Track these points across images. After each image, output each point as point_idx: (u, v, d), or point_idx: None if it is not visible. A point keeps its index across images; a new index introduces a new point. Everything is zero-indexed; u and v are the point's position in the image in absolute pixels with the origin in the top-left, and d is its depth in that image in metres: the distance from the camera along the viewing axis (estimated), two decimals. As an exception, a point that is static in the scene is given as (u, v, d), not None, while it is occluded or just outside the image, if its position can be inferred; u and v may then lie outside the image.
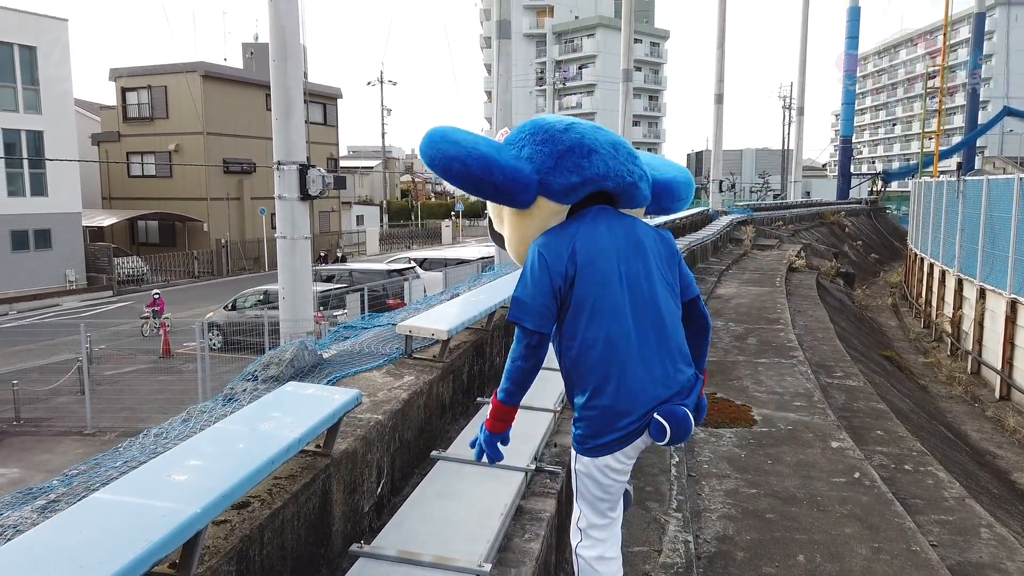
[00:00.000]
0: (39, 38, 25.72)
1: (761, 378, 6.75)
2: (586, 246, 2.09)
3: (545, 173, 2.13)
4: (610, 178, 2.17)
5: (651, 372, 2.08)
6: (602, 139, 2.19)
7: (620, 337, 2.06)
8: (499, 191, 2.15)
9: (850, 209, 38.16)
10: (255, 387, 2.91)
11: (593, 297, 2.07)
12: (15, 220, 25.27)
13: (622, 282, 2.10)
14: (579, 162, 2.13)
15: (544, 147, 2.16)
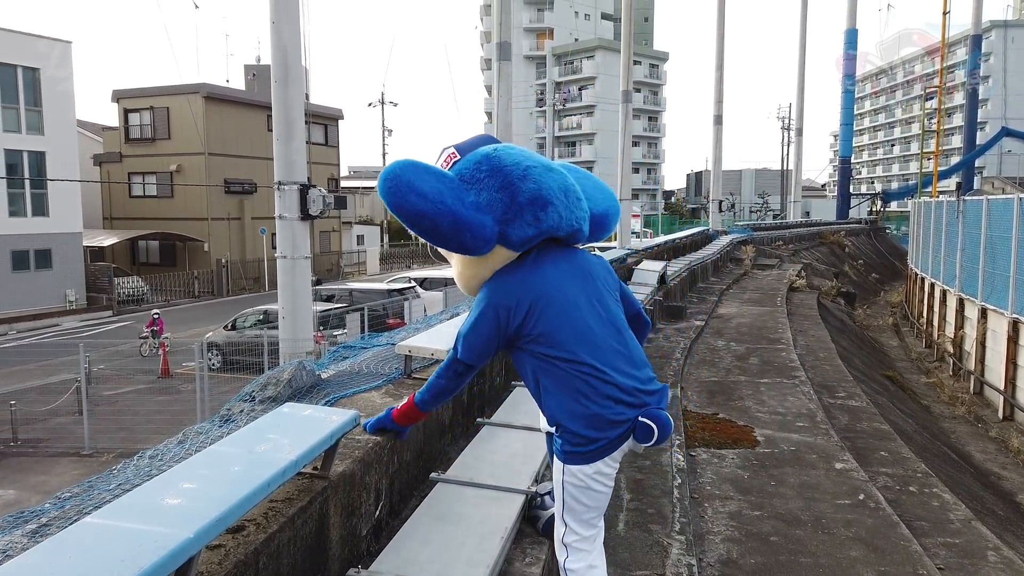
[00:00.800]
0: (43, 60, 25.92)
1: (763, 398, 6.70)
2: (538, 286, 2.21)
3: (503, 224, 2.20)
4: (562, 228, 2.28)
5: (627, 381, 2.19)
6: (555, 187, 2.26)
7: (592, 356, 2.17)
8: (461, 246, 2.21)
9: (850, 229, 38.21)
10: (252, 408, 2.87)
11: (555, 327, 2.17)
12: (16, 240, 25.31)
13: (579, 308, 2.21)
14: (537, 215, 2.21)
15: (502, 195, 2.21)
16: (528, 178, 2.23)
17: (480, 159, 2.28)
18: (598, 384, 2.14)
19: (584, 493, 2.22)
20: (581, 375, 2.14)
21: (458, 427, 3.80)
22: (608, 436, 2.15)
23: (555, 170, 2.34)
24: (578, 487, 2.22)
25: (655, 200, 69.52)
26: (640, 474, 4.43)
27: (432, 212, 2.15)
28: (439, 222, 2.15)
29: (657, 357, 7.91)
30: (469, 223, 2.17)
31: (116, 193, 35.12)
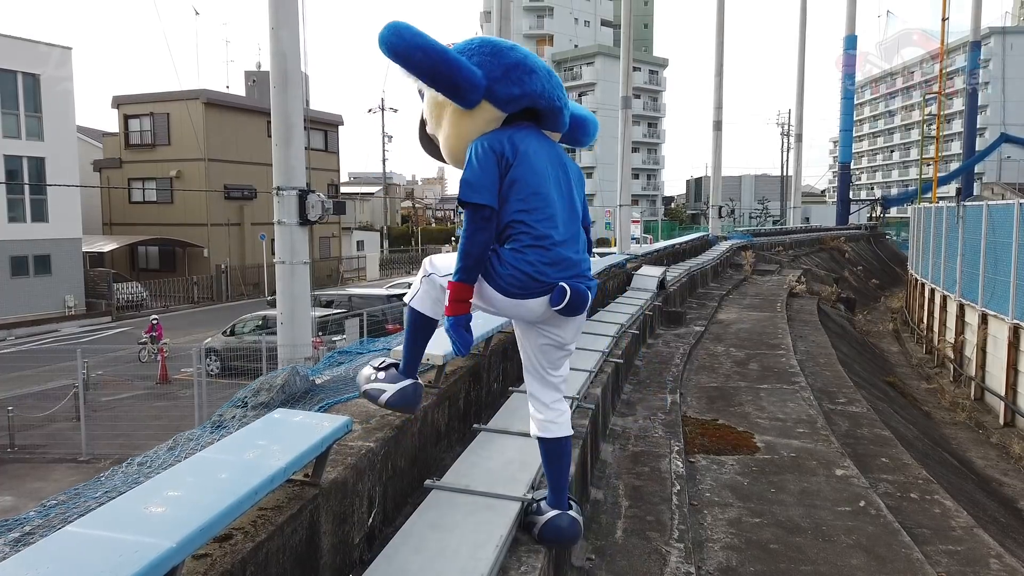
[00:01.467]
0: (43, 66, 25.95)
1: (763, 404, 6.66)
2: (522, 143, 2.39)
3: (492, 81, 2.37)
4: (544, 98, 2.46)
5: (568, 251, 2.42)
6: (540, 64, 2.49)
7: (550, 218, 2.38)
8: (453, 86, 2.35)
9: (850, 235, 38.17)
10: (244, 414, 2.83)
11: (529, 181, 2.36)
12: (15, 246, 25.29)
13: (549, 180, 2.42)
14: (522, 77, 2.40)
15: (493, 59, 2.40)
16: (515, 50, 2.46)
17: (472, 40, 2.51)
18: (544, 243, 2.35)
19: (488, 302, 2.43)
20: (534, 227, 2.35)
21: (454, 433, 3.76)
22: (534, 288, 2.35)
23: (548, 68, 2.54)
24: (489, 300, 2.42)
25: (655, 206, 69.52)
26: (638, 481, 4.39)
27: (425, 46, 2.31)
28: (437, 60, 2.31)
29: (656, 362, 7.87)
30: (462, 66, 2.34)
31: (116, 199, 35.13)
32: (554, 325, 2.50)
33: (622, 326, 7.11)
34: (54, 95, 26.36)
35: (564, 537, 2.69)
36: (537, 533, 2.67)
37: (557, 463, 2.67)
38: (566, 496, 2.70)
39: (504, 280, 2.35)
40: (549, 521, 2.64)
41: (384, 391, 2.64)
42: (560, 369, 2.64)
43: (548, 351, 2.58)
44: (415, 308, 2.59)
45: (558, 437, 2.62)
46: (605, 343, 6.05)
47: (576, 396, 4.34)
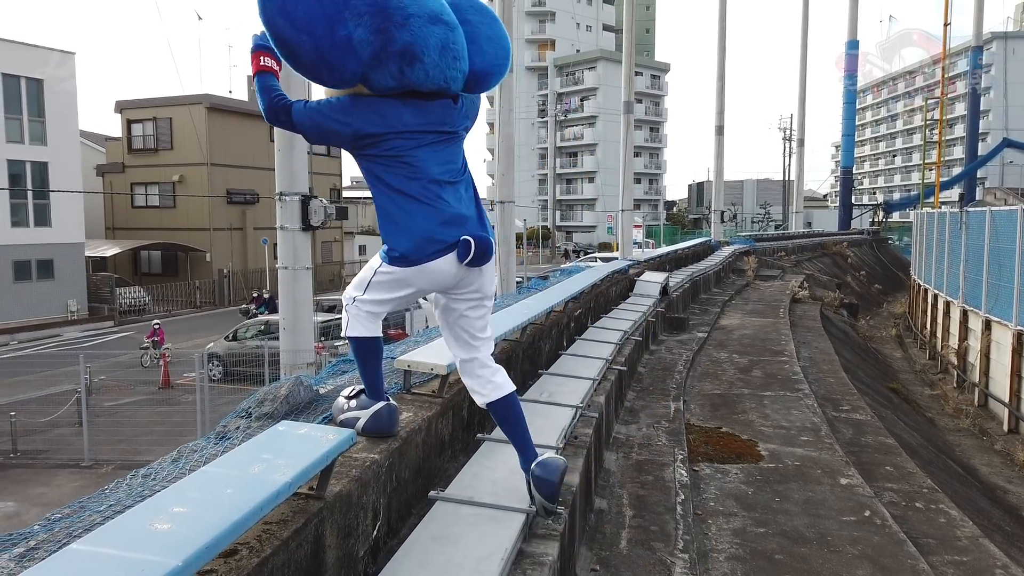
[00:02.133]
0: (46, 71, 26.04)
1: (767, 412, 6.65)
2: (392, 119, 2.35)
3: (368, 68, 2.26)
4: (427, 85, 2.34)
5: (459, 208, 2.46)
6: (432, 42, 2.28)
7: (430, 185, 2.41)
8: (319, 81, 2.32)
9: (852, 240, 38.15)
10: (248, 425, 2.82)
11: (403, 151, 2.37)
12: (18, 250, 25.35)
13: (424, 144, 2.40)
14: (401, 68, 2.27)
15: (376, 38, 2.22)
16: (406, 27, 2.24)
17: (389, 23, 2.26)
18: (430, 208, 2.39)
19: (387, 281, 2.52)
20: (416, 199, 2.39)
21: (458, 443, 3.75)
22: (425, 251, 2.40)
23: (443, 23, 2.32)
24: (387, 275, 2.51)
25: (657, 211, 69.55)
26: (643, 490, 4.38)
27: (294, 40, 2.20)
28: (299, 52, 2.22)
29: (659, 369, 7.86)
30: (331, 62, 2.24)
31: (119, 203, 35.21)
32: (470, 283, 2.56)
33: (625, 333, 7.10)
34: (57, 100, 26.46)
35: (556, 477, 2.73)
36: (534, 485, 2.70)
37: (512, 419, 2.71)
38: (532, 445, 2.75)
39: (404, 251, 2.43)
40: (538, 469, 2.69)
41: (358, 418, 2.71)
42: (487, 329, 2.71)
43: (473, 312, 2.64)
44: (352, 336, 2.66)
45: (505, 395, 2.67)
46: (608, 350, 6.04)
47: (580, 404, 4.32)
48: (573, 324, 6.96)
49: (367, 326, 2.62)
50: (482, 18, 2.56)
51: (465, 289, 2.57)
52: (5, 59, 24.84)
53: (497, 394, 2.66)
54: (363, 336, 2.64)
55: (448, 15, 2.37)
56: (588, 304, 7.86)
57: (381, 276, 2.52)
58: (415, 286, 2.53)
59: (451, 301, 2.63)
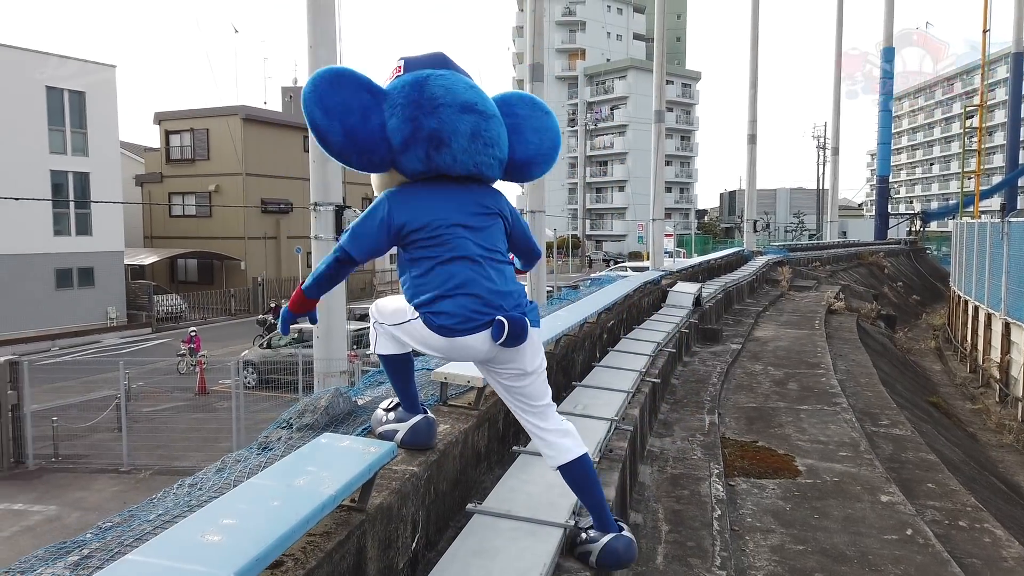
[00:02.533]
0: (88, 83, 26.73)
1: (804, 426, 6.55)
2: (429, 202, 2.42)
3: (397, 154, 2.38)
4: (455, 168, 2.41)
5: (496, 284, 2.42)
6: (462, 129, 2.37)
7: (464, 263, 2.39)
8: (350, 165, 2.44)
9: (889, 250, 37.47)
10: (290, 435, 2.86)
11: (436, 236, 2.39)
12: (60, 259, 25.99)
13: (457, 227, 2.42)
14: (428, 152, 2.36)
15: (406, 126, 2.35)
16: (434, 115, 2.34)
17: (411, 83, 2.39)
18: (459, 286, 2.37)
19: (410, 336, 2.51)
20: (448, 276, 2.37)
21: (493, 455, 3.75)
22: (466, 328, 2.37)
23: (475, 112, 2.40)
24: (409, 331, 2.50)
25: (688, 220, 69.11)
26: (678, 504, 4.34)
27: (325, 128, 2.32)
28: (330, 140, 2.34)
29: (692, 381, 7.79)
30: (362, 148, 2.37)
31: (157, 213, 35.95)
32: (508, 359, 2.49)
33: (658, 344, 7.06)
34: (98, 111, 27.13)
35: (623, 560, 2.66)
36: (595, 561, 2.62)
37: (585, 485, 2.64)
38: (609, 515, 2.68)
39: (438, 319, 2.38)
40: (605, 546, 2.61)
41: (396, 431, 2.75)
42: (544, 396, 2.62)
43: (517, 383, 2.57)
44: (381, 354, 2.68)
45: (573, 460, 2.59)
46: (642, 362, 6.02)
47: (614, 417, 4.31)
48: (606, 335, 6.94)
49: (396, 344, 2.64)
50: (531, 111, 2.68)
51: (504, 365, 2.53)
52: (49, 72, 25.55)
53: (568, 457, 2.58)
54: (392, 354, 2.67)
55: (483, 105, 2.46)
56: (620, 315, 7.83)
57: (415, 330, 2.48)
58: (443, 353, 2.52)
59: (492, 373, 2.60)
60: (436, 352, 2.52)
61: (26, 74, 24.79)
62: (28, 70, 24.86)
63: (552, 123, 2.74)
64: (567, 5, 72.18)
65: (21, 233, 24.55)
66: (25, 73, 24.76)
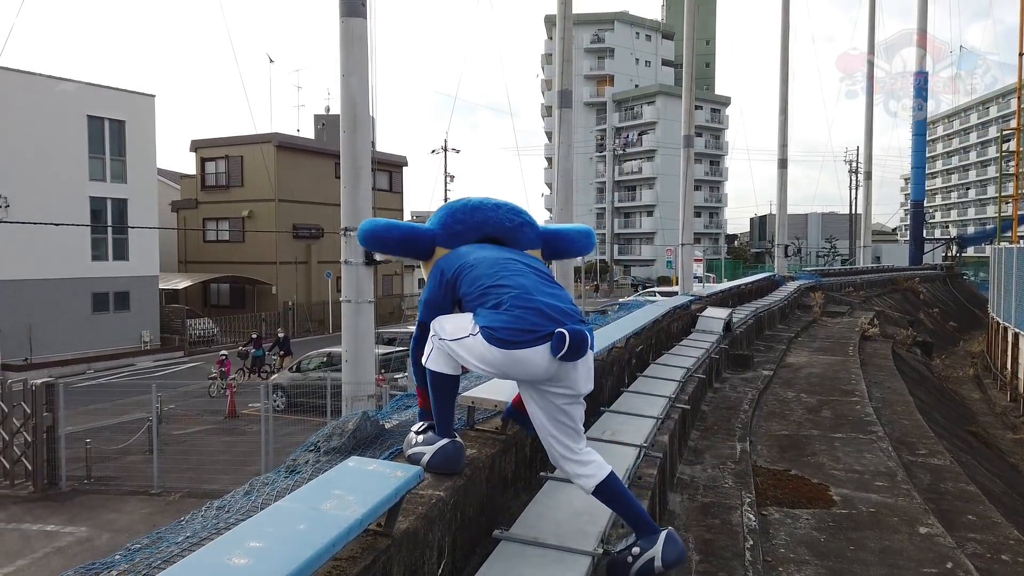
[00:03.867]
0: (128, 112, 27.47)
1: (838, 455, 6.40)
2: (471, 254, 2.71)
3: (436, 229, 2.84)
4: (489, 225, 2.84)
5: (553, 300, 2.52)
6: (489, 203, 2.89)
7: (520, 279, 2.57)
8: (402, 243, 2.86)
9: (924, 275, 36.80)
10: (317, 459, 2.87)
11: (480, 262, 2.64)
12: (97, 283, 26.54)
13: (504, 259, 2.67)
14: (464, 216, 2.84)
15: (438, 213, 2.92)
16: (460, 200, 2.94)
17: (450, 204, 2.97)
18: (519, 293, 2.50)
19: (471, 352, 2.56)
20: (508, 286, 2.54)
21: (520, 481, 3.72)
22: (525, 339, 2.43)
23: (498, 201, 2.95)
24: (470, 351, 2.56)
25: (718, 244, 68.61)
26: (709, 534, 4.25)
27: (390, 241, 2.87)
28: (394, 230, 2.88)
29: (723, 408, 7.68)
30: (413, 228, 2.88)
31: (191, 237, 36.64)
32: (563, 377, 2.50)
33: (688, 370, 6.97)
34: (137, 139, 27.84)
35: (682, 557, 2.68)
36: (660, 565, 2.60)
37: (621, 501, 2.69)
38: (650, 520, 2.71)
39: (498, 332, 2.40)
40: (664, 549, 2.61)
41: (424, 454, 2.76)
42: (579, 419, 2.70)
43: (565, 407, 2.59)
44: (432, 369, 2.68)
45: (607, 476, 2.64)
46: (671, 388, 5.94)
47: (643, 444, 4.25)
48: (635, 361, 6.88)
49: (449, 363, 2.65)
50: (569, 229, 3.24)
51: (557, 384, 2.52)
52: (90, 102, 26.33)
53: (599, 478, 2.64)
54: (443, 372, 2.67)
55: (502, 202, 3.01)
56: (650, 340, 7.77)
57: (473, 346, 2.50)
58: (499, 369, 2.51)
59: (544, 394, 2.60)
60: (492, 369, 2.51)
61: (69, 103, 25.57)
62: (71, 100, 25.65)
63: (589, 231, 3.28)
64: (596, 32, 72.77)
65: (61, 258, 25.16)
66: (68, 102, 25.54)
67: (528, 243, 2.90)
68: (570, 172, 12.74)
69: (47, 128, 24.82)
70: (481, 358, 2.48)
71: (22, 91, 24.02)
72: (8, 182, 23.64)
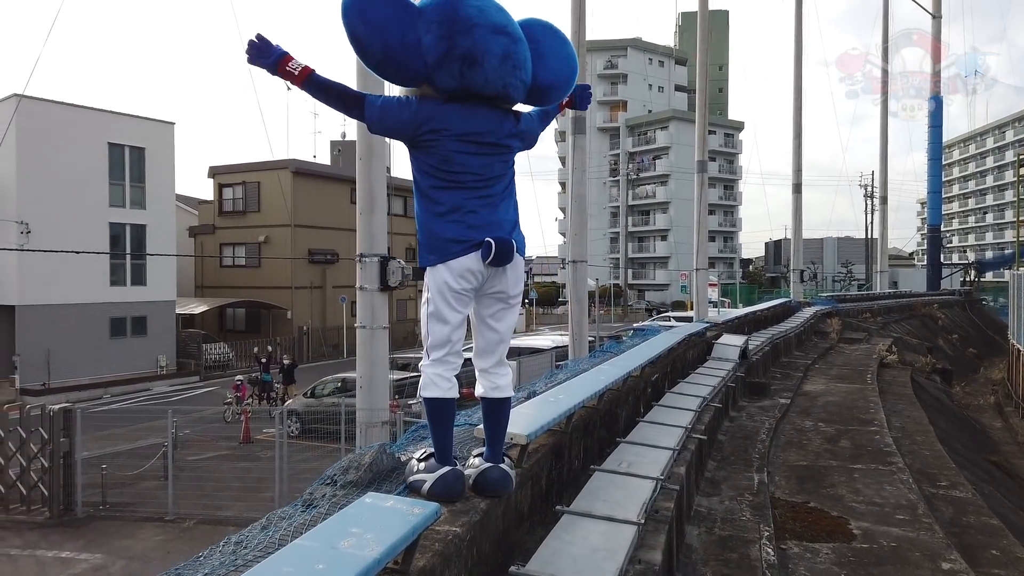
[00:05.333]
0: (148, 140, 27.93)
1: (857, 486, 6.31)
2: (451, 122, 2.59)
3: (432, 70, 2.52)
4: (486, 88, 2.57)
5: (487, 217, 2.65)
6: (493, 50, 2.52)
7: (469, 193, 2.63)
8: (388, 77, 2.59)
9: (943, 300, 36.43)
10: (334, 492, 2.86)
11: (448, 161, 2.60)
12: (115, 308, 26.81)
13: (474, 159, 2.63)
14: (463, 71, 2.50)
15: (440, 44, 2.48)
16: (468, 34, 2.48)
17: (445, 1, 2.51)
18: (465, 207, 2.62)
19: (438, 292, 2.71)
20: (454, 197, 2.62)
21: (536, 515, 3.70)
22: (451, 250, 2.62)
23: (506, 35, 2.56)
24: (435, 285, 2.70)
25: (733, 269, 68.38)
26: (727, 569, 4.20)
27: (367, 40, 2.45)
28: (371, 50, 2.47)
29: (740, 438, 7.60)
30: (399, 62, 2.51)
31: (208, 262, 36.98)
32: (494, 284, 2.74)
33: (704, 399, 6.92)
34: (157, 166, 28.26)
35: (497, 488, 2.92)
36: (472, 483, 2.87)
37: (497, 421, 2.95)
38: (502, 450, 3.01)
39: (436, 252, 2.65)
40: (483, 472, 2.88)
41: (424, 481, 2.81)
42: (502, 322, 2.86)
43: (492, 308, 2.82)
44: (426, 396, 2.81)
45: (499, 398, 2.91)
46: (687, 418, 5.90)
47: (660, 476, 4.21)
48: (650, 390, 6.84)
49: (440, 386, 2.77)
50: (552, 40, 2.84)
51: (490, 290, 2.76)
52: (111, 129, 26.80)
53: (497, 395, 2.91)
54: (436, 397, 2.78)
55: (513, 29, 2.63)
56: (665, 368, 7.73)
57: (426, 299, 2.73)
58: (452, 287, 2.67)
59: (480, 306, 2.83)
60: (449, 290, 2.67)
61: (91, 131, 26.04)
62: (93, 128, 26.12)
63: (571, 51, 2.90)
64: (609, 59, 73.39)
65: (80, 283, 25.46)
66: (90, 130, 26.01)
67: (510, 102, 2.75)
68: (584, 198, 12.78)
69: (70, 155, 25.27)
70: (438, 298, 2.68)
71: (46, 119, 24.50)
72: (31, 208, 24.04)
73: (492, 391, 2.91)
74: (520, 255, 2.76)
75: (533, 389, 5.39)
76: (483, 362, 2.91)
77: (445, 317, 2.72)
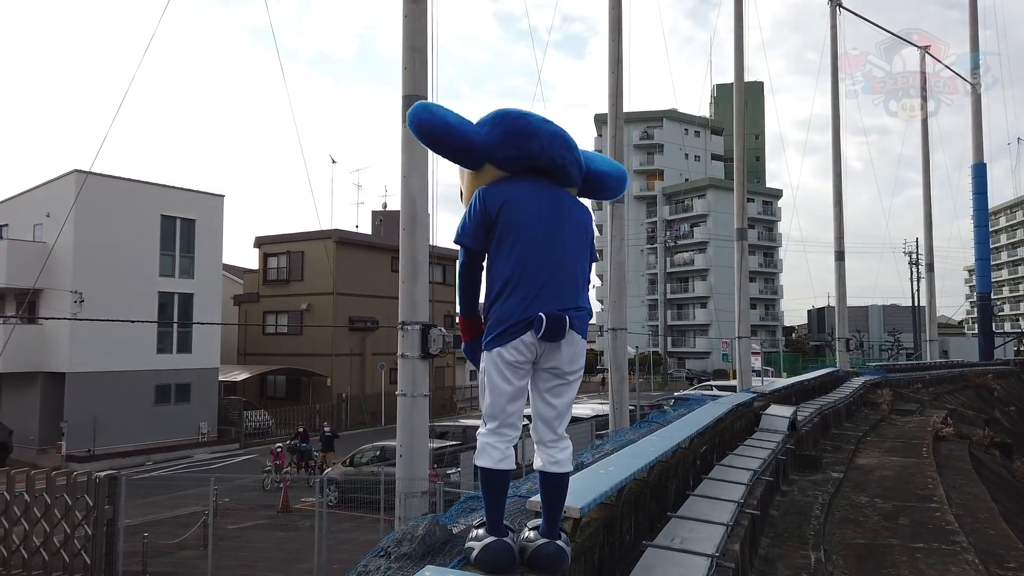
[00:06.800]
0: (198, 212, 28.90)
1: (920, 567, 6.00)
2: (514, 192, 2.71)
3: (492, 147, 2.71)
4: (543, 158, 2.74)
5: (547, 289, 2.64)
6: (545, 130, 2.76)
7: (532, 259, 2.64)
8: (454, 152, 2.75)
9: (997, 371, 35.17)
10: (388, 564, 2.82)
11: (515, 227, 2.65)
12: (160, 375, 27.27)
13: (540, 222, 2.69)
14: (520, 141, 2.70)
15: (497, 126, 2.74)
16: (523, 119, 2.76)
17: (495, 112, 2.81)
18: (522, 282, 2.62)
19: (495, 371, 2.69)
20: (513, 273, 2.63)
21: (589, 591, 3.58)
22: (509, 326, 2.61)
23: (553, 126, 2.82)
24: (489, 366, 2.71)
25: (775, 337, 67.23)
26: (789, 654, 3.99)
27: (441, 122, 2.70)
28: (450, 137, 2.71)
29: (793, 513, 7.33)
30: (470, 137, 2.71)
31: (251, 330, 37.59)
32: (550, 356, 2.71)
33: (755, 472, 6.72)
34: (206, 237, 29.14)
35: (553, 564, 2.80)
36: (528, 558, 2.78)
37: (555, 495, 2.88)
38: (559, 527, 2.92)
39: (499, 330, 2.64)
40: (539, 548, 2.79)
41: (474, 549, 2.79)
42: (559, 398, 2.83)
43: (548, 383, 2.80)
44: (478, 465, 2.81)
45: (559, 473, 2.85)
46: (739, 492, 5.72)
47: (714, 553, 4.07)
48: (699, 461, 6.67)
49: (491, 455, 2.77)
50: (596, 156, 3.12)
51: (545, 365, 2.75)
52: (165, 202, 27.84)
53: (557, 469, 2.86)
54: (488, 467, 2.78)
55: (558, 130, 2.87)
56: (713, 440, 7.54)
57: (482, 368, 2.76)
58: (505, 358, 2.67)
59: (537, 380, 2.83)
60: (508, 366, 2.67)
61: (145, 204, 27.08)
62: (147, 200, 27.18)
63: (622, 172, 3.19)
64: (645, 129, 74.55)
65: (128, 350, 26.03)
66: (144, 203, 27.06)
67: (571, 182, 2.90)
68: (622, 265, 12.81)
69: (124, 227, 26.24)
70: (495, 372, 2.70)
71: (104, 193, 25.54)
72: (85, 278, 24.87)
73: (551, 465, 2.88)
74: (576, 332, 2.74)
75: (580, 460, 5.30)
76: (541, 435, 2.91)
77: (498, 387, 2.74)
